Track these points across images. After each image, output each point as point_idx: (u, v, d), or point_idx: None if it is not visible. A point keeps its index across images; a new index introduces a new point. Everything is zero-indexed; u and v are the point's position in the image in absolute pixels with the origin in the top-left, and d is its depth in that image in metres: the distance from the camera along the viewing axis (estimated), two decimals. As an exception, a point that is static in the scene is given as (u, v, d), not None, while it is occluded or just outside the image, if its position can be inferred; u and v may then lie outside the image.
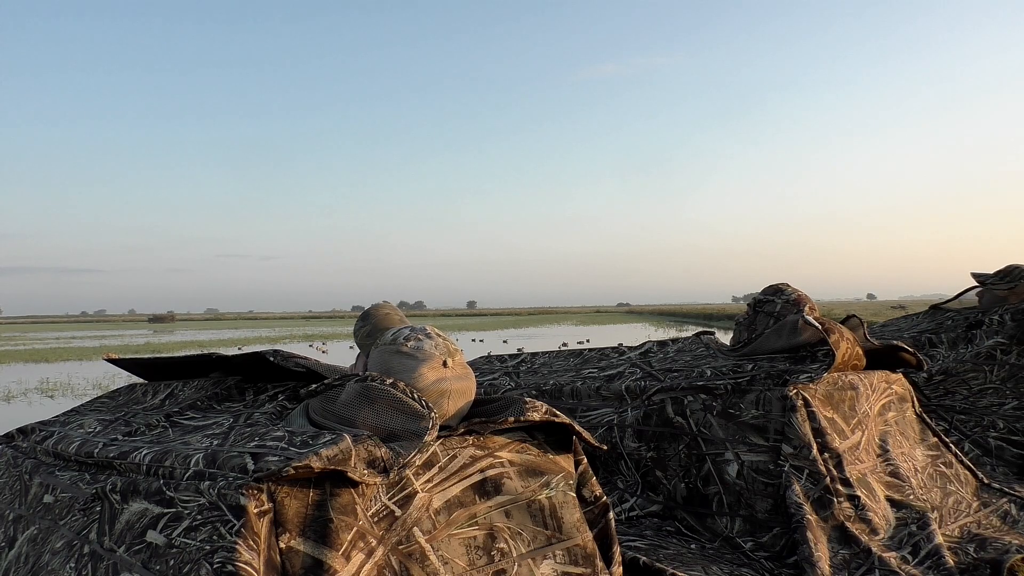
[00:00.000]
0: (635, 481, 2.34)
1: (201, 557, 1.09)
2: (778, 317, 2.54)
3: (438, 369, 1.40)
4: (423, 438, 1.25)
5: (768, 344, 2.52)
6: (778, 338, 2.50)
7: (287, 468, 1.10)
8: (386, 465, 1.19)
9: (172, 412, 1.57)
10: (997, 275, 3.43)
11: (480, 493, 1.33)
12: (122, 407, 1.82)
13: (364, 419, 1.31)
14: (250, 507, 1.09)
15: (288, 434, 1.26)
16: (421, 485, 1.27)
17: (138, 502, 1.25)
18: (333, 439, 1.18)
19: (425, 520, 1.25)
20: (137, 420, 1.62)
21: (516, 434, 1.44)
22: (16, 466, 1.71)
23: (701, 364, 2.59)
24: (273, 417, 1.43)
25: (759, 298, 2.65)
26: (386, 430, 1.29)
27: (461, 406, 1.42)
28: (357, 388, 1.34)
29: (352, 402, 1.33)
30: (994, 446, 2.89)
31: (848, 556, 1.96)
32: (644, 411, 2.42)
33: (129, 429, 1.55)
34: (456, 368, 1.43)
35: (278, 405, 1.52)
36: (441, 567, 1.23)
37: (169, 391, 1.79)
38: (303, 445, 1.19)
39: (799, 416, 2.17)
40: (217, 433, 1.38)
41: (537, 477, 1.41)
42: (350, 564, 1.14)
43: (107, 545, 1.25)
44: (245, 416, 1.46)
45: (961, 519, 2.33)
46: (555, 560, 1.37)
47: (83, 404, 1.97)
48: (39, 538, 1.45)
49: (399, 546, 1.21)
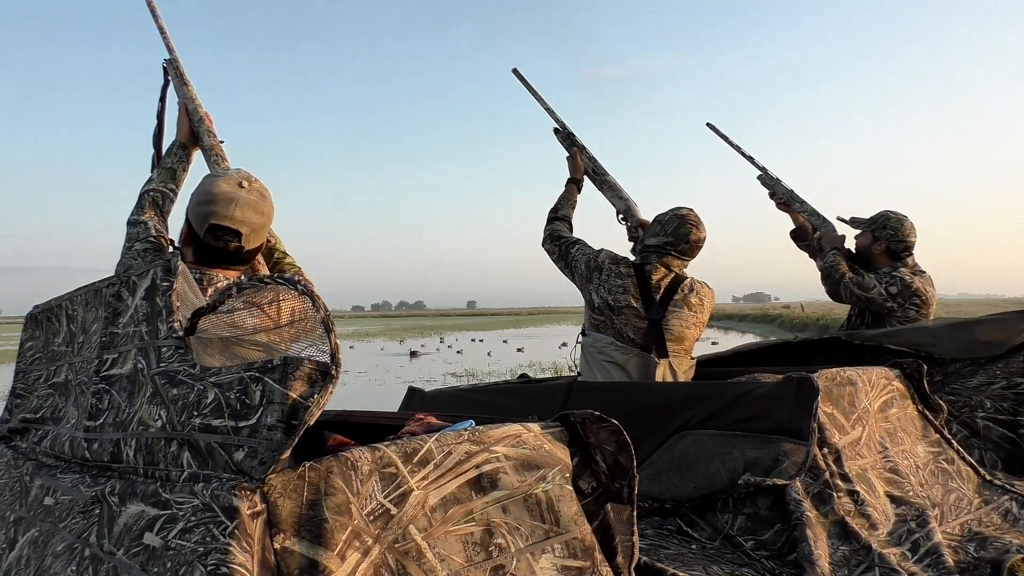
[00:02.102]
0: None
1: (195, 559, 1.08)
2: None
3: (232, 184, 1.77)
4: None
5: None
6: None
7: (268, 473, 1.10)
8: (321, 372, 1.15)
9: (100, 369, 1.52)
10: (867, 221, 3.43)
11: (476, 489, 1.32)
12: (53, 356, 1.80)
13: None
14: (243, 508, 1.09)
15: (219, 395, 1.20)
16: (416, 483, 1.26)
17: (135, 504, 1.25)
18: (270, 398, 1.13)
19: (421, 518, 1.24)
20: (79, 377, 1.60)
21: (512, 427, 1.44)
22: (16, 467, 1.71)
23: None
24: (179, 351, 1.33)
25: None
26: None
27: (251, 217, 1.77)
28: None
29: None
30: (982, 426, 2.88)
31: (848, 553, 1.95)
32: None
33: (87, 402, 1.53)
34: (251, 191, 1.79)
35: (160, 311, 1.42)
36: (438, 564, 1.23)
37: (66, 316, 1.76)
38: (244, 412, 1.15)
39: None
40: (156, 402, 1.32)
41: (533, 471, 1.40)
42: (345, 564, 1.13)
43: (107, 548, 1.25)
44: (154, 354, 1.38)
45: (962, 516, 2.33)
46: (554, 554, 1.36)
47: (20, 360, 1.97)
48: (40, 540, 1.45)
49: (395, 544, 1.20)
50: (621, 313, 2.63)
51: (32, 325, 1.96)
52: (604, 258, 2.74)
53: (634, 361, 2.62)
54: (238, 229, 1.77)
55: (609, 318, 2.65)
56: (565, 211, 3.04)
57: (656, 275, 2.67)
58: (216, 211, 1.76)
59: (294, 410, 1.11)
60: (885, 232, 3.35)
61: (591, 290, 2.72)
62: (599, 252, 2.78)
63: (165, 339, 1.36)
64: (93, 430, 1.47)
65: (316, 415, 1.12)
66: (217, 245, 1.80)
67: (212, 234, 1.78)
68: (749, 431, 2.16)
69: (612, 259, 2.74)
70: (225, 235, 1.78)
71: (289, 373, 1.13)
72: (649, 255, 2.73)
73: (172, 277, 1.41)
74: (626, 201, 3.08)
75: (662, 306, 2.63)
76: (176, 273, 1.42)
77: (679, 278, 2.70)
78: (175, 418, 1.27)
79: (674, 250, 2.69)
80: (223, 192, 1.77)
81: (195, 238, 1.82)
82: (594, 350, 2.70)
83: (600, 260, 2.74)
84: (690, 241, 2.69)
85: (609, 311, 2.65)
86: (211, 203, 1.77)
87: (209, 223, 1.77)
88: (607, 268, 2.70)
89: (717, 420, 2.24)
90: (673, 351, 2.64)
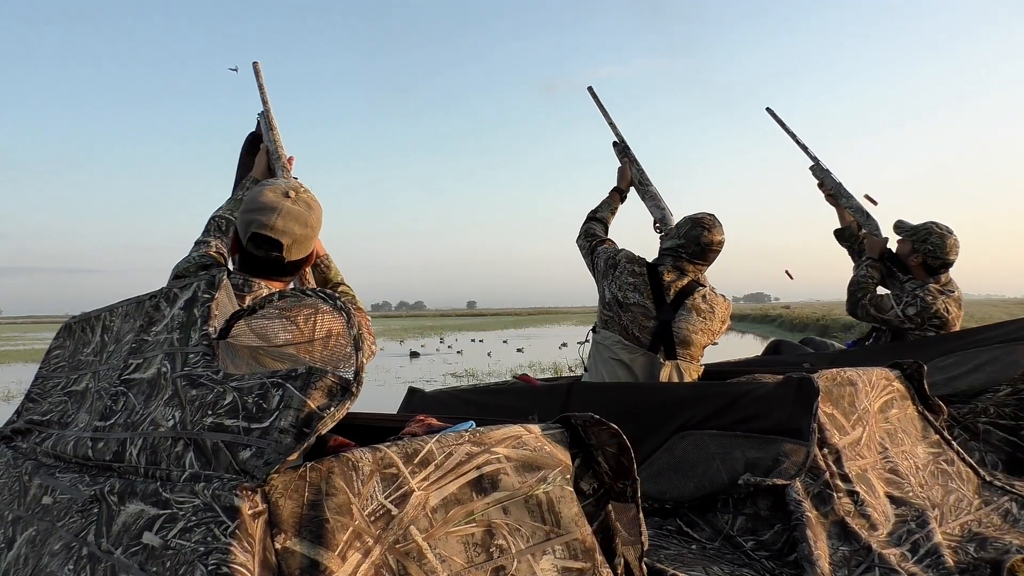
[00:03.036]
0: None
1: (196, 559, 1.08)
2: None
3: (278, 194, 1.75)
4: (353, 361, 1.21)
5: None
6: None
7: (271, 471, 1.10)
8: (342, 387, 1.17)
9: (123, 373, 1.53)
10: (911, 230, 3.37)
11: (477, 490, 1.32)
12: (77, 365, 1.80)
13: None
14: (244, 508, 1.09)
15: (237, 398, 1.22)
16: (417, 483, 1.26)
17: (135, 503, 1.25)
18: (287, 401, 1.14)
19: (422, 518, 1.25)
20: (100, 384, 1.60)
21: (512, 428, 1.44)
22: (16, 467, 1.71)
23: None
24: (206, 357, 1.35)
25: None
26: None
27: (294, 228, 1.73)
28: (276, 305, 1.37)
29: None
30: (982, 430, 2.88)
31: (848, 553, 1.95)
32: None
33: (102, 404, 1.53)
34: (298, 201, 1.76)
35: (194, 320, 1.43)
36: (439, 565, 1.23)
37: (101, 327, 1.76)
38: (258, 415, 1.16)
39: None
40: (172, 403, 1.34)
41: (534, 472, 1.40)
42: (346, 564, 1.14)
43: (104, 547, 1.25)
44: (180, 360, 1.39)
45: (962, 517, 2.33)
46: (554, 555, 1.36)
47: (43, 366, 1.97)
48: (38, 539, 1.45)
49: (396, 545, 1.20)
50: (628, 310, 2.65)
51: (65, 334, 1.97)
52: (622, 256, 2.81)
53: (640, 361, 2.63)
54: (279, 240, 1.74)
55: (617, 314, 2.68)
56: (603, 214, 3.13)
57: (668, 276, 2.70)
58: (258, 219, 1.73)
59: (309, 418, 1.12)
60: (925, 246, 3.28)
61: (605, 285, 2.78)
62: (620, 251, 2.86)
63: (195, 346, 1.37)
64: (101, 430, 1.47)
65: (328, 427, 1.13)
66: (258, 254, 1.77)
67: (254, 243, 1.76)
68: (749, 431, 2.16)
69: (629, 258, 2.79)
70: (265, 244, 1.75)
71: (311, 382, 1.15)
72: (664, 257, 2.77)
73: (214, 290, 1.41)
74: (663, 211, 3.16)
75: (672, 308, 2.65)
76: (219, 287, 1.42)
77: (694, 283, 2.72)
78: (188, 418, 1.27)
79: (686, 253, 2.71)
80: (268, 201, 1.74)
81: (240, 246, 1.81)
82: (603, 347, 2.73)
83: (618, 258, 2.80)
84: (701, 244, 2.70)
85: (618, 307, 2.68)
86: (255, 211, 1.74)
87: (251, 232, 1.75)
88: (622, 266, 2.76)
89: (717, 420, 2.24)
90: (680, 355, 2.65)
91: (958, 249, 3.28)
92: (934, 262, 3.27)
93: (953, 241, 3.27)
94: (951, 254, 3.26)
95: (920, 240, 3.30)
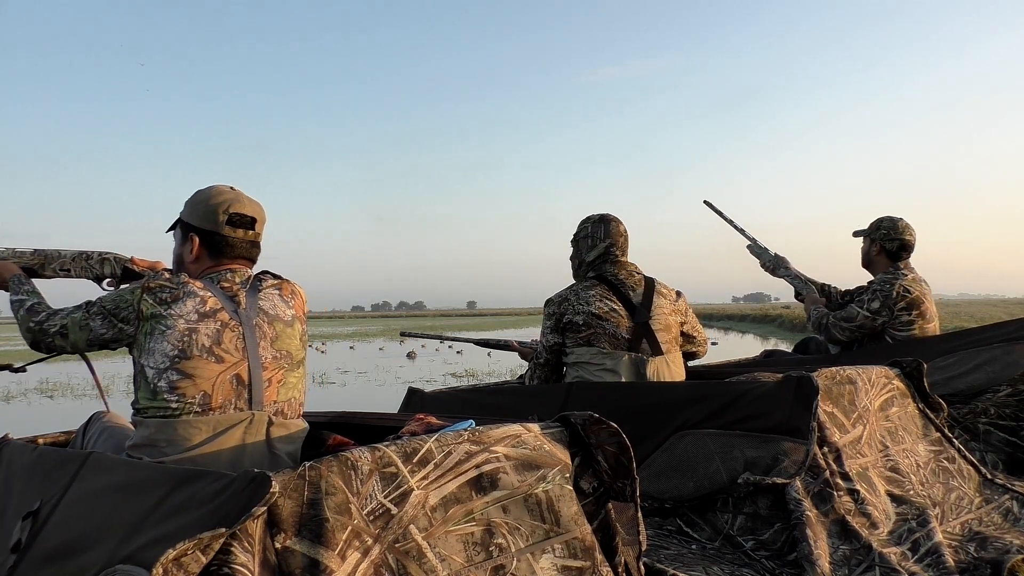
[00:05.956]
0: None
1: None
2: None
3: (225, 187, 1.83)
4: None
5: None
6: None
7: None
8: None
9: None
10: (866, 228, 3.51)
11: (476, 489, 1.32)
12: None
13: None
14: None
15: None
16: (417, 482, 1.26)
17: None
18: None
19: (421, 517, 1.24)
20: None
21: (512, 427, 1.44)
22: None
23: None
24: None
25: None
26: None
27: (258, 209, 1.82)
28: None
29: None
30: (982, 431, 2.88)
31: (848, 552, 1.95)
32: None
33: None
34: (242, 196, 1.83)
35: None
36: (439, 564, 1.23)
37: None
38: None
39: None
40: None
41: (533, 471, 1.40)
42: (346, 563, 1.13)
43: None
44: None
45: (963, 515, 2.32)
46: (554, 554, 1.36)
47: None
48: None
49: (396, 544, 1.20)
50: (608, 317, 2.62)
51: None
52: (566, 293, 2.72)
53: (624, 361, 2.60)
54: (254, 216, 1.81)
55: (600, 326, 2.61)
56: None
57: (621, 274, 2.69)
58: (228, 200, 1.79)
59: None
60: (879, 233, 3.40)
61: (571, 316, 2.66)
62: (559, 302, 2.73)
63: None
64: None
65: None
66: (237, 235, 1.79)
67: (231, 224, 1.78)
68: (749, 430, 2.16)
69: (571, 289, 2.73)
70: (244, 222, 1.80)
71: None
72: (600, 265, 2.74)
73: None
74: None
75: (644, 306, 2.65)
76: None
77: (644, 276, 2.74)
78: None
79: (616, 249, 2.73)
80: (224, 190, 1.82)
81: (209, 240, 1.78)
82: (582, 365, 2.65)
83: (563, 297, 2.71)
84: (621, 235, 2.77)
85: (596, 319, 2.61)
86: (218, 198, 1.79)
87: (229, 211, 1.78)
88: (572, 294, 2.69)
89: (717, 419, 2.23)
90: (663, 341, 2.64)
91: (912, 231, 3.40)
92: (891, 244, 3.38)
93: (904, 224, 3.40)
94: (905, 234, 3.37)
95: (873, 230, 3.44)
